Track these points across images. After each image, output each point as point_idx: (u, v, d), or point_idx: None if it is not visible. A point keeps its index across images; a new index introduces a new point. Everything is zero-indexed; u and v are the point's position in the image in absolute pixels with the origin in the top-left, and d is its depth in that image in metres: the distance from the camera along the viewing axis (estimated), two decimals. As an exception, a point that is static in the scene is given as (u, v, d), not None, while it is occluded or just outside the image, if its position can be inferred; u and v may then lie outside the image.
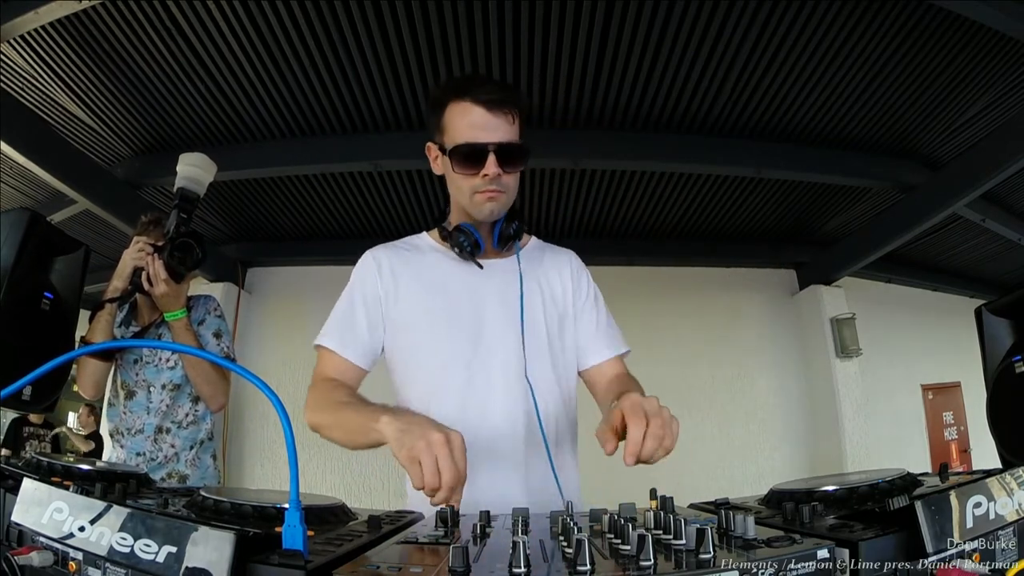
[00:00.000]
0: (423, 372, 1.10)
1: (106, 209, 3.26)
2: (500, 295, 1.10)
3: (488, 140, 1.01)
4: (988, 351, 1.29)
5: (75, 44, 2.49)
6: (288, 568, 0.52)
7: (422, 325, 1.10)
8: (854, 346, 4.53)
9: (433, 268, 1.13)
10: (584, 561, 0.47)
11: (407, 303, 1.10)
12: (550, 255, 1.22)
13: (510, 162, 1.03)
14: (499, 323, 1.08)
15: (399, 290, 1.11)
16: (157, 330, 1.75)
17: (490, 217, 1.08)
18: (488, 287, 1.11)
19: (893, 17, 2.42)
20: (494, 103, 1.01)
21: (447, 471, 0.74)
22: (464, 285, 1.11)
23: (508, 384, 1.06)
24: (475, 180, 1.03)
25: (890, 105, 3.05)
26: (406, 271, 1.13)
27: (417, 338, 1.10)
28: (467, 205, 1.08)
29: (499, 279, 1.12)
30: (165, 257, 1.59)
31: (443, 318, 1.09)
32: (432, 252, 1.16)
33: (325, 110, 3.04)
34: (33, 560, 0.58)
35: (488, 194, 1.04)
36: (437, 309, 1.09)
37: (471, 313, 1.09)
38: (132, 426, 1.73)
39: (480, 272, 1.12)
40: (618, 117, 3.14)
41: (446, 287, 1.11)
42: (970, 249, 4.98)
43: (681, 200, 4.04)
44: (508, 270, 1.13)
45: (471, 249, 1.09)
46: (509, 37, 2.53)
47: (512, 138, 1.03)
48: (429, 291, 1.11)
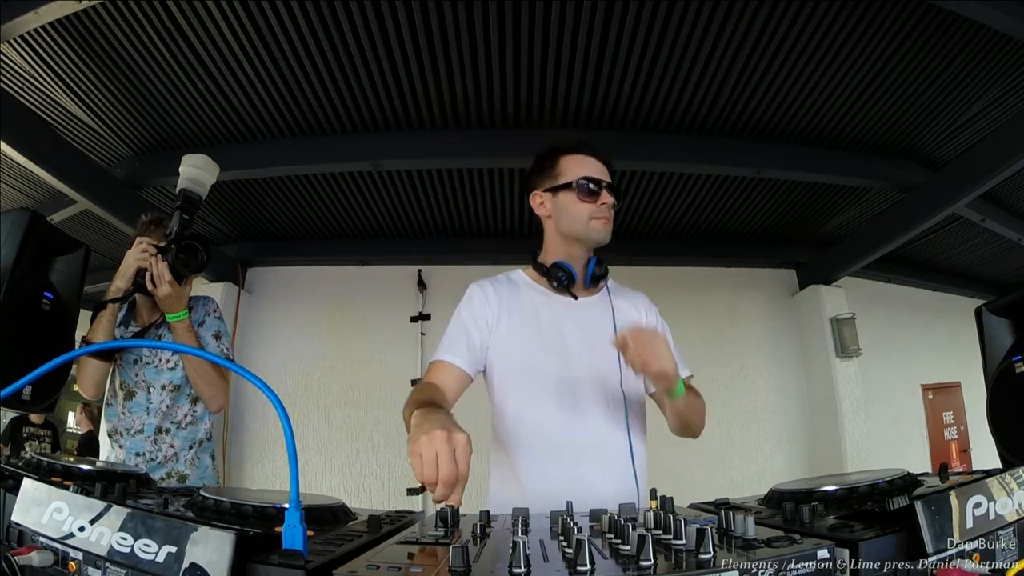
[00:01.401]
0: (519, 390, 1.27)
1: (106, 209, 3.26)
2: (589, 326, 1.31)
3: (603, 179, 1.30)
4: (988, 351, 1.29)
5: (75, 44, 2.49)
6: (288, 568, 0.52)
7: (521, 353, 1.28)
8: (854, 346, 4.53)
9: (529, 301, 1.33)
10: (584, 561, 0.47)
11: (506, 329, 1.29)
12: (627, 294, 1.44)
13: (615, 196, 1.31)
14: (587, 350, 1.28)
15: (501, 318, 1.30)
16: (157, 331, 1.75)
17: (601, 238, 1.30)
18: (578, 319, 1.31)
19: (893, 17, 2.42)
20: (601, 157, 1.34)
21: (443, 466, 0.76)
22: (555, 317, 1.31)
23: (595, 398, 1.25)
24: (592, 207, 1.29)
25: (890, 105, 3.05)
26: (508, 303, 1.32)
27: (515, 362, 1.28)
28: (582, 230, 1.30)
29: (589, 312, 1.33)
30: (169, 259, 1.59)
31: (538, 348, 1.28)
32: (527, 288, 1.36)
33: (325, 110, 3.04)
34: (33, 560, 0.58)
35: (603, 219, 1.29)
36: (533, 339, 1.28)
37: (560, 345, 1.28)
38: (131, 426, 1.73)
39: (572, 308, 1.32)
40: (618, 117, 3.14)
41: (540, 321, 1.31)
42: (970, 249, 4.98)
43: (681, 200, 4.04)
44: (596, 305, 1.35)
45: (568, 282, 1.29)
46: (509, 37, 2.52)
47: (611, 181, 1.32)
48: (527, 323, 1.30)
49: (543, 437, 1.23)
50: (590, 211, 1.28)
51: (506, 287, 1.35)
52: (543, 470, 1.22)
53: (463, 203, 4.01)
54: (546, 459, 1.22)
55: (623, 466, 1.24)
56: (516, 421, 1.25)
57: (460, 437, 0.79)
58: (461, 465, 0.77)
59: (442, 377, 1.23)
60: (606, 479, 1.21)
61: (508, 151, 3.22)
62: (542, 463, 1.23)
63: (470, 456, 0.78)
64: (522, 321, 1.30)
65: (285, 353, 4.54)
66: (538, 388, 1.25)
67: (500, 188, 3.81)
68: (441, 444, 0.77)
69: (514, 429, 1.25)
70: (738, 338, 4.86)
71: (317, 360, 4.57)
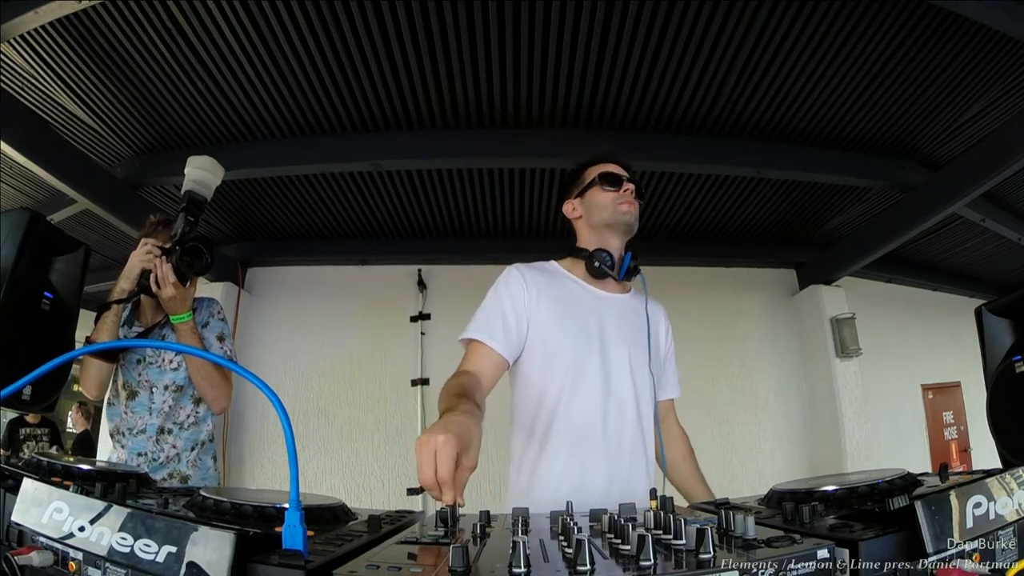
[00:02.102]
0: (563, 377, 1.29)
1: (106, 209, 3.25)
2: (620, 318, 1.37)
3: (623, 173, 1.41)
4: (988, 351, 1.29)
5: (75, 44, 2.49)
6: (288, 568, 0.52)
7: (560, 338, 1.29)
8: (854, 346, 4.52)
9: (567, 290, 1.38)
10: (584, 561, 0.47)
11: (547, 315, 1.31)
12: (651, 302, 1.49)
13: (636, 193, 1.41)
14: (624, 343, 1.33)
15: (541, 303, 1.31)
16: (161, 331, 1.75)
17: (629, 220, 1.38)
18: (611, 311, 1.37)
19: (893, 17, 2.42)
20: (620, 162, 1.44)
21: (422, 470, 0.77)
22: (593, 311, 1.35)
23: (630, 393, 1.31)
24: (616, 194, 1.38)
25: (890, 105, 3.05)
26: (547, 289, 1.34)
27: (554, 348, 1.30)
28: (610, 216, 1.38)
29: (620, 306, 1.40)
30: (174, 261, 1.59)
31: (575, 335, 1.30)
32: (564, 278, 1.41)
33: (325, 110, 3.04)
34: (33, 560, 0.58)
35: (628, 203, 1.38)
36: (572, 328, 1.31)
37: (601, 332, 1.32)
38: (134, 426, 1.73)
39: (604, 298, 1.38)
40: (618, 117, 3.14)
41: (577, 307, 1.34)
42: (970, 249, 4.97)
43: (681, 200, 4.04)
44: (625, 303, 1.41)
45: (611, 265, 1.36)
46: (509, 37, 2.52)
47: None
48: (565, 309, 1.33)
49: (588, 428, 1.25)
50: (614, 197, 1.38)
51: (545, 274, 1.38)
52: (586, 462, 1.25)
53: (463, 203, 4.01)
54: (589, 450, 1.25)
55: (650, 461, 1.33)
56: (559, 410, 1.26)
57: (438, 439, 0.78)
58: (440, 469, 0.76)
59: (481, 364, 1.23)
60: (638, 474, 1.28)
61: (508, 151, 3.22)
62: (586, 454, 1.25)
63: (450, 457, 0.77)
64: (563, 310, 1.32)
65: (285, 353, 4.54)
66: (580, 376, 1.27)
67: (500, 188, 3.80)
68: (423, 447, 0.77)
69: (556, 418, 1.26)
70: (738, 338, 4.86)
71: (317, 360, 4.57)
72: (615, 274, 1.38)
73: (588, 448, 1.25)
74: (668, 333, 1.51)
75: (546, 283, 1.35)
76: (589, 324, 1.32)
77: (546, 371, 1.29)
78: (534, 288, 1.31)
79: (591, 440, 1.25)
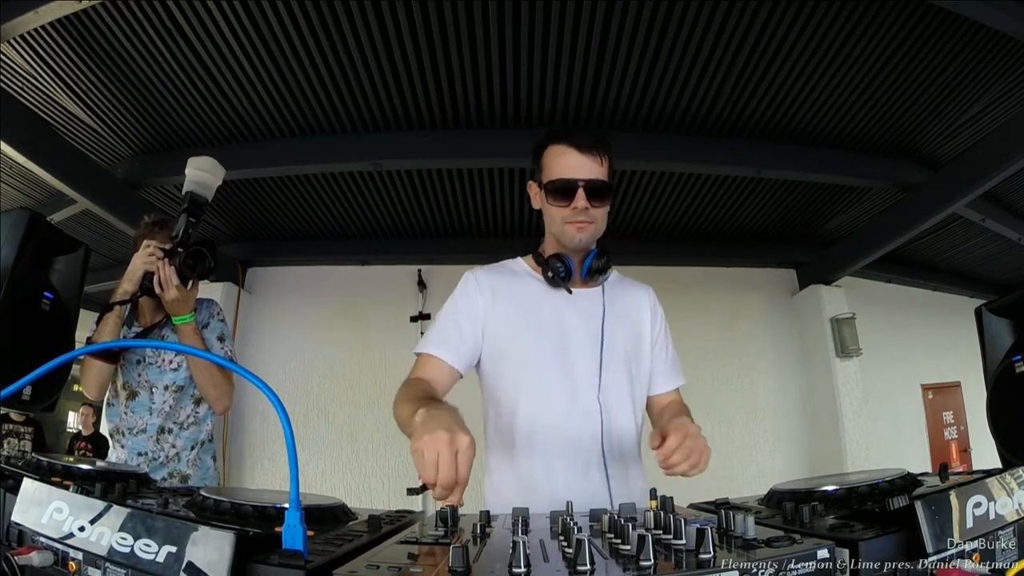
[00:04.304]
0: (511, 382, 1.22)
1: (106, 209, 3.26)
2: (584, 320, 1.23)
3: (579, 177, 1.16)
4: (988, 351, 1.29)
5: (75, 44, 2.49)
6: (288, 568, 0.52)
7: (514, 339, 1.22)
8: (854, 346, 4.53)
9: (526, 290, 1.26)
10: (584, 561, 0.47)
11: (503, 319, 1.23)
12: (631, 289, 1.35)
13: (597, 197, 1.18)
14: (582, 345, 1.21)
15: (497, 307, 1.23)
16: (161, 331, 1.75)
17: (578, 245, 1.21)
18: (574, 313, 1.24)
19: (893, 17, 2.42)
20: (585, 147, 1.17)
21: (443, 469, 0.75)
22: (552, 309, 1.24)
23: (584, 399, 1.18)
24: (566, 211, 1.18)
25: (890, 105, 3.05)
26: (503, 291, 1.25)
27: (506, 351, 1.22)
28: (559, 234, 1.22)
29: (585, 306, 1.25)
30: (177, 263, 1.59)
31: (532, 335, 1.21)
32: (526, 276, 1.29)
33: (325, 110, 3.04)
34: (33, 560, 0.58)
35: (577, 225, 1.18)
36: (528, 327, 1.22)
37: (557, 333, 1.22)
38: (134, 426, 1.73)
39: (568, 298, 1.24)
40: (618, 117, 3.14)
41: (537, 309, 1.24)
42: (970, 249, 4.98)
43: (681, 200, 4.04)
44: (593, 299, 1.26)
45: (564, 275, 1.21)
46: (509, 37, 2.52)
47: (600, 177, 1.18)
48: (522, 311, 1.23)
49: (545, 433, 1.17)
50: (563, 215, 1.19)
51: (504, 275, 1.29)
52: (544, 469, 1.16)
53: (463, 203, 4.01)
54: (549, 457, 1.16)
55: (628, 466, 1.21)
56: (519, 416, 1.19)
57: (463, 440, 0.77)
58: (462, 469, 0.76)
59: (432, 373, 1.17)
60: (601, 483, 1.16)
61: (508, 151, 3.22)
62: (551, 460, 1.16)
63: (472, 459, 0.78)
64: (519, 311, 1.23)
65: (285, 353, 4.54)
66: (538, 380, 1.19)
67: (500, 188, 3.81)
68: (443, 446, 0.76)
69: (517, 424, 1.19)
70: (738, 338, 4.86)
71: (317, 360, 4.57)
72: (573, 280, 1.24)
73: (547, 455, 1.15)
74: (656, 318, 1.34)
75: (504, 285, 1.26)
76: (548, 324, 1.22)
77: (502, 375, 1.23)
78: (489, 293, 1.23)
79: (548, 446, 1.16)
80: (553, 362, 1.20)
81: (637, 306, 1.32)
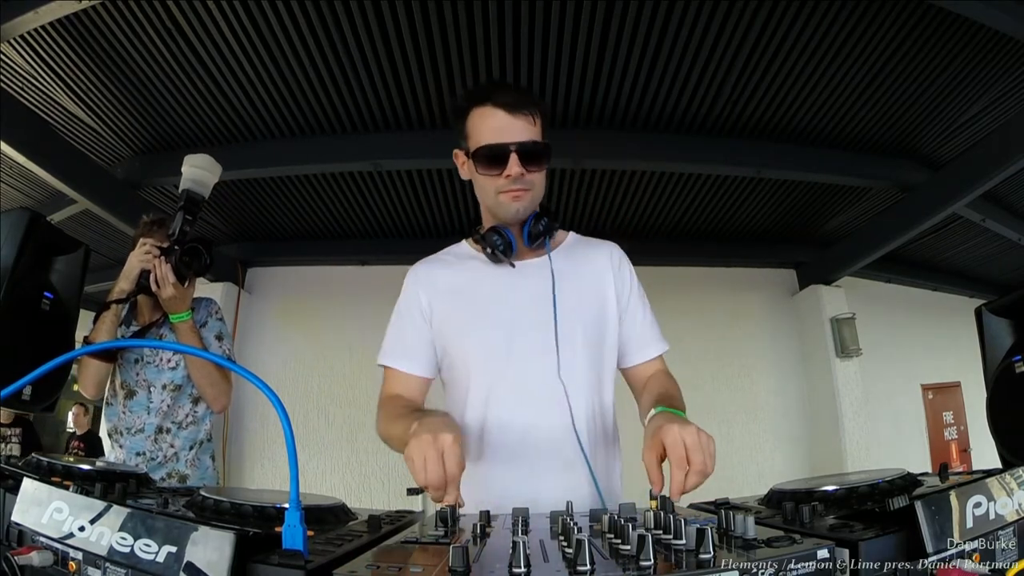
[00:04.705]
0: (461, 376, 1.12)
1: (106, 209, 3.26)
2: (534, 296, 1.10)
3: (509, 140, 1.03)
4: (988, 351, 1.29)
5: (75, 44, 2.49)
6: (288, 568, 0.52)
7: (457, 330, 1.12)
8: (854, 346, 4.53)
9: (466, 273, 1.15)
10: (584, 561, 0.47)
11: (444, 310, 1.13)
12: (591, 250, 1.20)
13: (532, 161, 1.05)
14: (533, 325, 1.08)
15: (437, 299, 1.14)
16: (158, 330, 1.75)
17: (516, 216, 1.09)
18: (522, 288, 1.11)
19: (893, 17, 2.42)
20: (513, 106, 1.04)
21: (430, 470, 0.76)
22: (496, 288, 1.12)
23: (544, 386, 1.06)
24: (499, 180, 1.06)
25: (890, 105, 3.05)
26: (442, 279, 1.15)
27: (454, 343, 1.12)
28: (493, 206, 1.10)
29: (534, 279, 1.12)
30: (173, 261, 1.59)
31: (476, 323, 1.10)
32: (468, 259, 1.18)
33: (325, 110, 3.04)
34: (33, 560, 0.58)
35: (512, 193, 1.06)
36: (469, 314, 1.11)
37: (505, 315, 1.10)
38: (132, 426, 1.73)
39: (514, 273, 1.12)
40: (618, 117, 3.14)
41: (478, 291, 1.12)
42: (970, 249, 4.98)
43: (681, 200, 4.04)
44: (542, 268, 1.12)
45: (503, 249, 1.09)
46: (509, 37, 2.52)
47: (533, 138, 1.06)
48: (462, 296, 1.12)
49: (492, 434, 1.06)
50: (496, 185, 1.06)
51: (444, 263, 1.19)
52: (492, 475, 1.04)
53: (463, 203, 4.01)
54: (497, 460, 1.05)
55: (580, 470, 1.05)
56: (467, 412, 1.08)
57: (446, 438, 0.78)
58: (449, 467, 0.76)
59: (400, 387, 1.11)
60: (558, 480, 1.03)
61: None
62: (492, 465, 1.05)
63: (459, 455, 0.78)
64: (461, 300, 1.12)
65: (285, 353, 4.54)
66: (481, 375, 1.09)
67: (500, 188, 3.80)
68: (428, 447, 0.77)
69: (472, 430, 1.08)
70: (738, 338, 4.86)
71: (317, 360, 4.57)
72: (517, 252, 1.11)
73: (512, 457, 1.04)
74: (623, 278, 1.18)
75: (444, 274, 1.16)
76: (492, 308, 1.10)
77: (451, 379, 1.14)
78: (429, 288, 1.14)
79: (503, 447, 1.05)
80: (501, 350, 1.08)
81: (596, 267, 1.17)
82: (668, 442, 0.80)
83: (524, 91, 1.11)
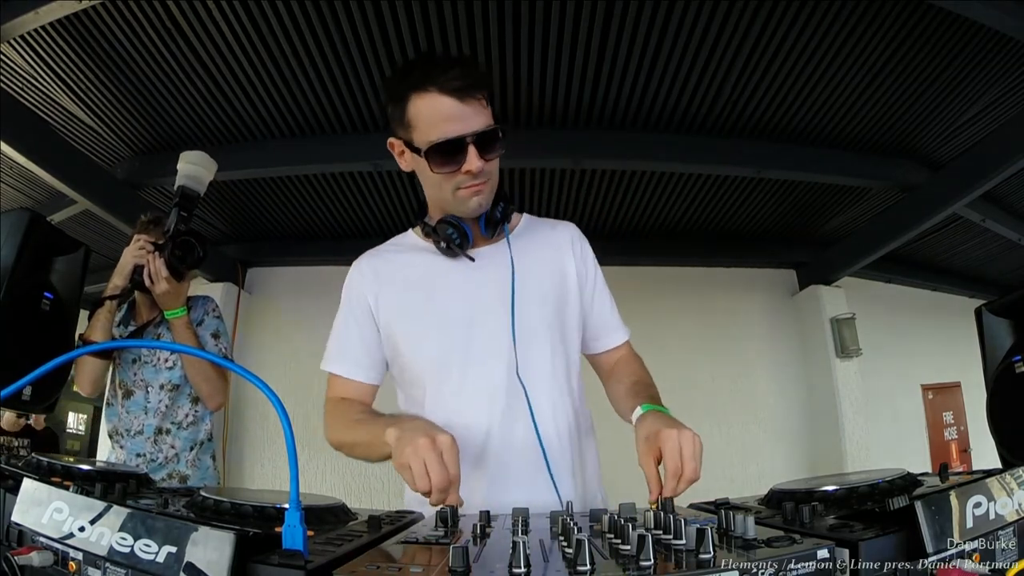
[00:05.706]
0: (416, 378, 1.05)
1: (106, 209, 3.26)
2: (493, 290, 1.03)
3: (465, 132, 0.92)
4: (988, 351, 1.29)
5: (75, 44, 2.49)
6: (288, 568, 0.52)
7: (411, 332, 1.04)
8: (854, 346, 4.53)
9: (417, 267, 1.06)
10: (584, 561, 0.47)
11: (393, 307, 1.05)
12: (547, 231, 1.14)
13: (490, 150, 0.96)
14: (491, 321, 1.01)
15: (384, 295, 1.05)
16: (156, 329, 1.75)
17: (478, 211, 1.01)
18: (480, 283, 1.03)
19: (893, 17, 2.42)
20: (463, 90, 0.92)
21: (434, 474, 0.75)
22: (451, 281, 1.04)
23: (506, 384, 0.99)
24: (457, 176, 0.96)
25: (890, 105, 3.05)
26: (389, 274, 1.07)
27: (406, 343, 1.04)
28: (449, 202, 1.00)
29: (491, 269, 1.04)
30: (166, 255, 1.59)
31: (432, 323, 1.02)
32: (416, 251, 1.09)
33: (325, 110, 3.04)
34: (33, 560, 0.58)
35: (473, 188, 0.98)
36: (424, 313, 1.03)
37: (462, 314, 1.02)
38: (131, 427, 1.73)
39: (470, 265, 1.04)
40: (618, 117, 3.13)
41: (432, 286, 1.04)
42: (970, 249, 4.98)
43: (681, 200, 4.04)
44: (500, 256, 1.05)
45: (460, 242, 1.01)
46: (509, 37, 2.52)
47: (487, 123, 0.96)
48: (413, 292, 1.04)
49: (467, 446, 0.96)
50: (454, 181, 0.97)
51: (390, 255, 1.11)
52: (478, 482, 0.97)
53: (463, 203, 4.01)
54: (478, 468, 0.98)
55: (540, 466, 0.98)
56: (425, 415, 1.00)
57: (444, 439, 0.78)
58: (451, 468, 0.76)
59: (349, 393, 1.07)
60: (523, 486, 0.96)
61: (508, 151, 3.21)
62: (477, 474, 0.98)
63: (458, 454, 0.78)
64: (408, 292, 1.04)
65: (285, 353, 4.53)
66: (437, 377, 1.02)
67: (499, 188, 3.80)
68: (427, 451, 0.76)
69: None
70: (738, 338, 4.86)
71: (317, 360, 4.47)
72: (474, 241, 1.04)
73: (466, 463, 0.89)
74: (585, 259, 1.11)
75: (391, 267, 1.08)
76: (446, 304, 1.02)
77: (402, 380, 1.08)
78: (372, 281, 1.06)
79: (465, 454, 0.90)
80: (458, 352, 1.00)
81: (555, 247, 1.11)
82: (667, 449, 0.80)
83: (468, 65, 0.95)
